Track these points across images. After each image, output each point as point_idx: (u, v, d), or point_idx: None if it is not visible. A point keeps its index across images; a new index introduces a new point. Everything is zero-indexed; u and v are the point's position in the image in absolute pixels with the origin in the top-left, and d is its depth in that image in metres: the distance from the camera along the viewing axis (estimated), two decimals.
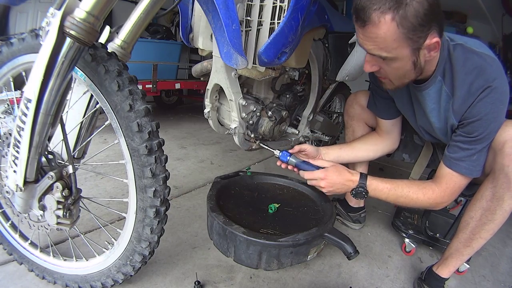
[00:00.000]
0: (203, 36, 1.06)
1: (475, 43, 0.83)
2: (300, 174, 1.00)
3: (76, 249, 0.95)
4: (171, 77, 3.26)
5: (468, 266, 1.07)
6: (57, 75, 0.64)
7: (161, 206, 0.79)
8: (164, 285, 0.95)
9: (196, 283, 0.94)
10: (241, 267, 1.05)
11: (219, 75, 1.02)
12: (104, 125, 0.78)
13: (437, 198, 0.90)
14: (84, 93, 0.81)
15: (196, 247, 1.15)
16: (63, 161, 0.82)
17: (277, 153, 1.02)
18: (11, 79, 0.86)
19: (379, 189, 0.94)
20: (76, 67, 0.71)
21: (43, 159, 0.77)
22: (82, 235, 0.91)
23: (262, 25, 0.93)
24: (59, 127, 0.76)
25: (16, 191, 0.75)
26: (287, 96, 1.30)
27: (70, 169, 0.76)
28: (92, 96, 0.81)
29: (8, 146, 0.75)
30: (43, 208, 0.77)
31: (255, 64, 0.96)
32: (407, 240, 1.21)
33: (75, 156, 0.87)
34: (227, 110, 1.15)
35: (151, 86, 2.69)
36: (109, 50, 0.77)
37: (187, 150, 2.29)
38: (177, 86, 3.00)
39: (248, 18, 0.92)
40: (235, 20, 0.78)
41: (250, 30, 0.93)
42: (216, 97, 1.15)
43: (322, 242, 0.93)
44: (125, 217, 0.83)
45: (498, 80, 0.77)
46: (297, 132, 1.41)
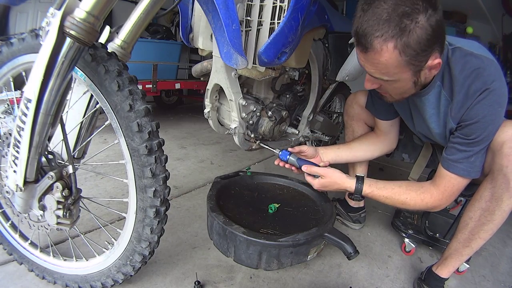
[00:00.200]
0: (203, 36, 1.06)
1: (474, 45, 0.83)
2: (302, 168, 1.00)
3: (76, 249, 0.95)
4: (171, 77, 3.26)
5: (468, 266, 1.07)
6: (57, 75, 0.64)
7: (161, 206, 0.79)
8: (164, 285, 0.95)
9: (196, 283, 0.94)
10: (241, 267, 1.05)
11: (219, 75, 1.02)
12: (104, 125, 0.78)
13: (436, 201, 0.90)
14: (84, 93, 0.81)
15: (196, 247, 1.15)
16: (63, 161, 0.82)
17: (277, 152, 1.03)
18: (11, 79, 0.86)
19: (375, 197, 0.96)
20: (76, 67, 0.71)
21: (43, 159, 0.77)
22: (82, 235, 0.91)
23: (262, 25, 0.93)
24: (59, 127, 0.76)
25: (16, 191, 0.75)
26: (287, 96, 1.30)
27: (70, 169, 0.76)
28: (92, 96, 0.81)
29: (8, 146, 0.75)
30: (43, 208, 0.77)
31: (255, 64, 0.96)
32: (407, 240, 1.21)
33: (75, 156, 0.87)
34: (227, 110, 1.15)
35: (151, 86, 2.69)
36: (109, 50, 0.77)
37: (187, 150, 2.29)
38: (177, 86, 3.00)
39: (248, 18, 0.92)
40: (235, 20, 0.78)
41: (250, 30, 0.93)
42: (216, 97, 1.15)
43: (322, 242, 0.93)
44: (125, 217, 0.83)
45: (496, 82, 0.77)
46: (297, 132, 1.41)
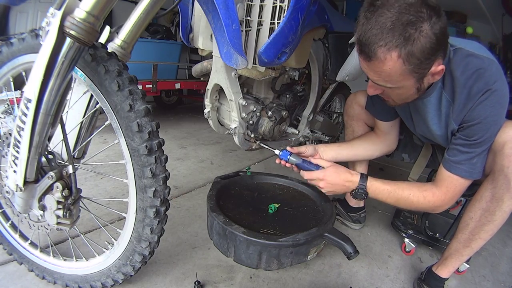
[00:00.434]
0: (203, 36, 1.06)
1: (474, 46, 0.83)
2: (300, 174, 1.00)
3: (76, 249, 0.95)
4: (171, 77, 3.26)
5: (468, 266, 1.07)
6: (57, 75, 0.64)
7: (161, 206, 0.79)
8: (164, 285, 0.95)
9: (196, 283, 0.94)
10: (241, 267, 1.05)
11: (219, 75, 1.02)
12: (104, 125, 0.78)
13: (438, 201, 0.89)
14: (84, 93, 0.81)
15: (196, 247, 1.15)
16: (63, 161, 0.82)
17: (277, 152, 1.03)
18: (11, 79, 0.86)
19: (379, 190, 0.94)
20: (76, 67, 0.71)
21: (43, 159, 0.77)
22: (82, 235, 0.91)
23: (262, 25, 0.93)
24: (59, 127, 0.76)
25: (16, 191, 0.75)
26: (287, 96, 1.30)
27: (70, 169, 0.76)
28: (92, 96, 0.81)
29: (8, 146, 0.75)
30: (43, 208, 0.77)
31: (255, 64, 0.95)
32: (407, 240, 1.21)
33: (75, 156, 0.87)
34: (227, 110, 1.15)
35: (151, 86, 2.69)
36: (109, 50, 0.77)
37: (187, 150, 2.29)
38: (177, 86, 3.00)
39: (248, 18, 0.92)
40: (235, 20, 0.78)
41: (250, 30, 0.93)
42: (216, 97, 1.15)
43: (322, 242, 0.93)
44: (125, 217, 0.83)
45: (498, 82, 0.76)
46: (297, 132, 1.41)
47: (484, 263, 1.22)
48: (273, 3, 0.90)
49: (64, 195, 0.75)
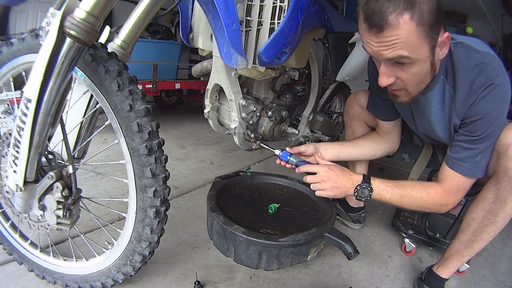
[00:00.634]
0: (203, 36, 1.06)
1: (475, 42, 0.83)
2: (304, 179, 0.99)
3: (76, 249, 0.95)
4: (171, 77, 3.26)
5: (468, 266, 1.07)
6: (57, 75, 0.64)
7: (161, 206, 0.79)
8: (164, 285, 0.95)
9: (196, 283, 0.94)
10: (241, 267, 1.05)
11: (219, 75, 1.02)
12: (104, 125, 0.78)
13: (441, 199, 0.88)
14: (84, 93, 0.81)
15: (196, 247, 1.15)
16: (63, 161, 0.82)
17: (277, 153, 1.02)
18: (11, 79, 0.86)
19: (382, 187, 0.92)
20: (76, 67, 0.71)
21: (43, 159, 0.77)
22: (82, 235, 0.91)
23: (262, 25, 0.92)
24: (59, 127, 0.76)
25: (16, 191, 0.75)
26: (287, 96, 1.30)
27: (70, 169, 0.75)
28: (92, 96, 0.81)
29: (8, 146, 0.75)
30: (43, 208, 0.77)
31: (255, 64, 0.95)
32: (407, 240, 1.21)
33: (75, 156, 0.87)
34: (227, 110, 1.15)
35: (151, 86, 2.69)
36: (109, 50, 0.77)
37: (187, 150, 2.29)
38: (177, 86, 3.00)
39: (248, 18, 0.92)
40: (235, 20, 0.78)
41: (250, 30, 0.93)
42: (216, 97, 1.15)
43: (322, 242, 0.93)
44: (125, 217, 0.83)
45: (500, 77, 0.76)
46: (297, 132, 1.41)
47: (484, 263, 1.22)
48: (273, 3, 0.90)
49: (64, 195, 0.75)
